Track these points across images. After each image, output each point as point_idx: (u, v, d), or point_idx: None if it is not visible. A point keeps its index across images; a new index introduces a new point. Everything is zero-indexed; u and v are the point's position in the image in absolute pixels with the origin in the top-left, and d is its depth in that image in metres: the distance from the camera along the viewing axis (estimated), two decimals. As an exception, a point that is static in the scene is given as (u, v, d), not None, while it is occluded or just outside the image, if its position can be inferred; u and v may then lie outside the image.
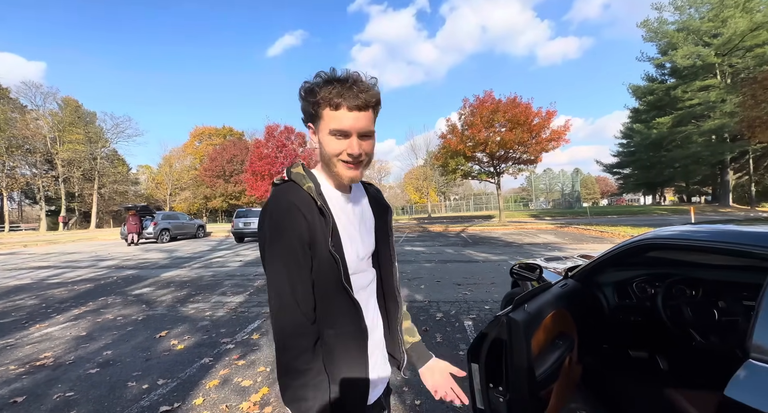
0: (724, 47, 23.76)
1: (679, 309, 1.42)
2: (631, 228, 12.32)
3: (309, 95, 0.71)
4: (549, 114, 15.57)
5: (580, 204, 41.15)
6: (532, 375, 1.09)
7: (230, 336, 3.31)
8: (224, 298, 4.79)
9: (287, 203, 0.71)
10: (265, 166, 23.36)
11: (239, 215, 13.88)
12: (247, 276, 6.36)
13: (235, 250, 11.06)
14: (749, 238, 0.91)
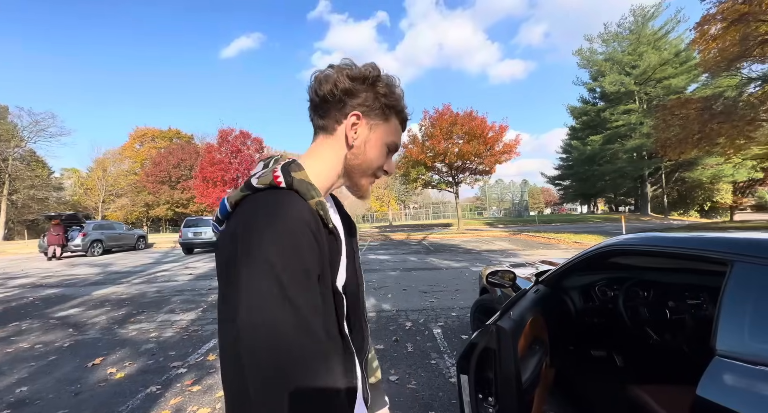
0: (640, 77, 27.61)
1: (637, 310, 1.56)
2: (573, 235, 13.54)
3: (389, 88, 0.61)
4: (502, 128, 16.73)
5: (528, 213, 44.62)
6: (519, 383, 1.10)
7: (181, 358, 2.96)
8: (173, 316, 4.32)
9: (301, 224, 0.48)
10: (217, 172, 21.93)
11: (188, 224, 12.78)
12: (199, 291, 5.82)
13: (183, 262, 10.11)
14: (706, 243, 1.02)
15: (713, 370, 0.79)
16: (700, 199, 29.79)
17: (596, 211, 48.04)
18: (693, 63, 22.70)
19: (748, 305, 0.80)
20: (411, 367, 2.65)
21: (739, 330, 0.79)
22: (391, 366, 2.68)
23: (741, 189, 28.67)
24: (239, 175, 22.94)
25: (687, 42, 21.70)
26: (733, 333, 0.80)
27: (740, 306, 0.81)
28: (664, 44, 27.25)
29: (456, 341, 3.17)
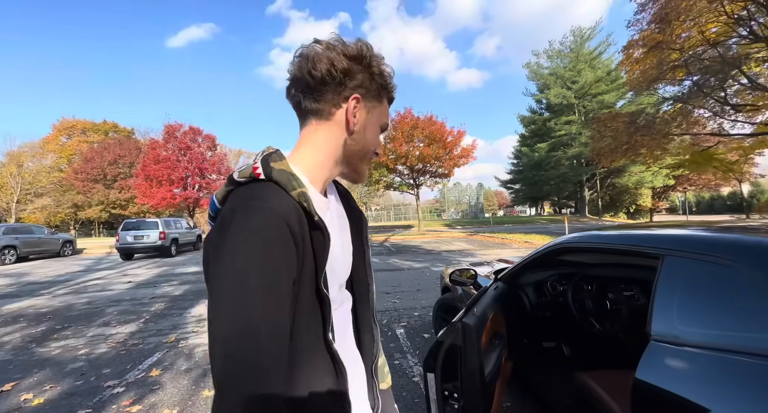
0: (579, 92, 30.61)
1: (583, 302, 1.70)
2: (524, 235, 14.55)
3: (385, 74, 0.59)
4: (460, 133, 17.49)
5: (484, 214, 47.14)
6: (482, 377, 1.14)
7: (118, 376, 2.65)
8: (107, 330, 3.85)
9: (276, 218, 0.44)
10: (163, 170, 20.11)
11: (128, 227, 11.53)
12: (140, 300, 5.27)
13: (121, 269, 9.10)
14: (641, 240, 1.14)
15: (649, 353, 0.88)
16: (627, 202, 33.73)
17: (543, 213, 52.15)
18: (621, 82, 25.69)
19: (676, 294, 0.90)
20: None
21: (670, 316, 0.89)
22: None
23: (658, 194, 32.98)
24: (189, 174, 21.27)
25: (616, 63, 24.54)
26: (664, 320, 0.90)
27: (670, 295, 0.91)
28: (599, 63, 30.51)
29: (419, 340, 3.22)
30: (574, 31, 31.92)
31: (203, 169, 21.79)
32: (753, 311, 0.75)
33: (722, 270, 0.82)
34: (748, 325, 0.75)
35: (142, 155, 27.39)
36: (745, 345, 0.73)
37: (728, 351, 0.75)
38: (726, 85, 12.80)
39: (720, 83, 12.70)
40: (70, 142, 37.42)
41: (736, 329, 0.77)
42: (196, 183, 21.78)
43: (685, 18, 11.91)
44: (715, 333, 0.80)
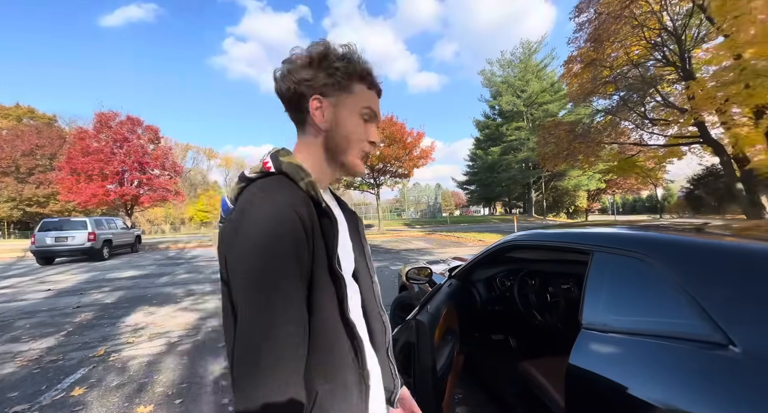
0: (528, 100, 33.04)
1: (527, 296, 1.83)
2: (477, 234, 15.34)
3: (340, 60, 0.58)
4: (419, 135, 17.93)
5: (441, 214, 48.92)
6: (434, 372, 1.17)
7: (30, 399, 2.29)
8: (17, 346, 3.31)
9: (286, 209, 0.48)
10: (93, 163, 17.83)
11: (47, 227, 10.06)
12: (61, 310, 4.62)
13: (36, 276, 7.91)
14: (575, 237, 1.25)
15: (580, 341, 0.96)
16: (567, 203, 37.18)
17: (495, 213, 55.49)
18: (563, 93, 28.22)
19: (603, 286, 1.00)
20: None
21: (598, 306, 0.98)
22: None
23: (592, 196, 36.80)
24: (126, 168, 19.13)
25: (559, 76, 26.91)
26: (593, 309, 0.99)
27: (598, 287, 1.01)
28: (544, 75, 33.21)
29: (376, 339, 3.22)
30: (523, 44, 34.38)
31: (144, 163, 19.73)
32: (663, 299, 0.85)
33: (639, 264, 0.92)
34: (660, 312, 0.85)
35: (66, 146, 24.06)
36: (658, 330, 0.83)
37: (645, 335, 0.84)
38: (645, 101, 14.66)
39: (641, 99, 14.51)
40: (-29, 127, 31.69)
41: (651, 315, 0.87)
42: (134, 179, 19.66)
43: (614, 40, 13.43)
44: (635, 319, 0.90)
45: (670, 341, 0.78)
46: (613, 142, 16.03)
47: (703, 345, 0.71)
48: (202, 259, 10.83)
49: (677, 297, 0.80)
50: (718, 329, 0.69)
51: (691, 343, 0.73)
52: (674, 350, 0.76)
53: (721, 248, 0.84)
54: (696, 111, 11.34)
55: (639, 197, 49.10)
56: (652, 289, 0.88)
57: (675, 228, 1.14)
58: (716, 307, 0.71)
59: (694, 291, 0.76)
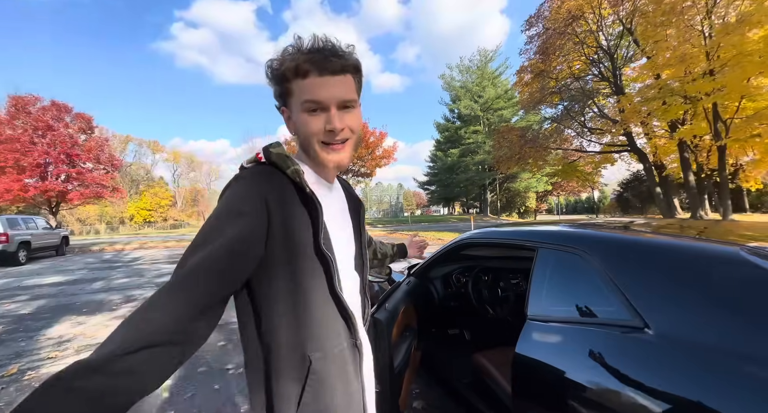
0: (484, 105, 34.85)
1: (480, 291, 1.92)
2: (437, 232, 15.85)
3: (274, 69, 0.61)
4: (382, 135, 18.07)
5: (403, 214, 49.83)
6: (392, 369, 1.18)
7: None
8: None
9: (249, 189, 0.57)
10: (6, 154, 15.36)
11: (-58, 228, 8.49)
12: (-38, 326, 3.92)
13: (-73, 287, 6.63)
14: (523, 235, 1.34)
15: (525, 331, 1.04)
16: (519, 204, 39.87)
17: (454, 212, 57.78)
18: (515, 100, 30.18)
19: (546, 279, 1.08)
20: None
21: (541, 298, 1.06)
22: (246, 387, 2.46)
23: (540, 197, 39.92)
24: (50, 160, 16.77)
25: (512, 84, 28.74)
26: (537, 301, 1.07)
27: (541, 281, 1.09)
28: (499, 82, 35.25)
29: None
30: (480, 52, 36.19)
31: (73, 155, 17.43)
32: (595, 289, 0.94)
33: (576, 258, 1.01)
34: (593, 301, 0.94)
35: (-29, 132, 20.49)
36: (591, 318, 0.91)
37: (580, 323, 0.93)
38: (585, 111, 16.20)
39: (581, 110, 16.02)
40: None
41: (586, 304, 0.96)
42: (61, 172, 17.33)
43: (559, 54, 14.66)
44: (572, 309, 0.99)
45: (601, 327, 0.87)
46: (558, 148, 17.52)
47: (626, 329, 0.80)
48: (145, 261, 9.88)
49: (607, 288, 0.89)
50: (637, 315, 0.78)
51: (617, 328, 0.82)
52: (603, 335, 0.84)
53: (640, 244, 0.95)
54: (625, 122, 12.79)
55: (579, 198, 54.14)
56: (587, 281, 0.97)
57: (607, 226, 1.28)
58: (636, 295, 0.81)
59: (620, 282, 0.86)
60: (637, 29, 12.05)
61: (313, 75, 0.59)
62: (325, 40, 0.60)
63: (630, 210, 22.65)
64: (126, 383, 0.40)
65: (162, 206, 44.67)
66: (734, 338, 0.64)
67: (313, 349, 0.58)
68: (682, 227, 1.35)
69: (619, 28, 13.82)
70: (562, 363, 0.90)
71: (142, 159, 50.74)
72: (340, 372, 0.61)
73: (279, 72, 0.60)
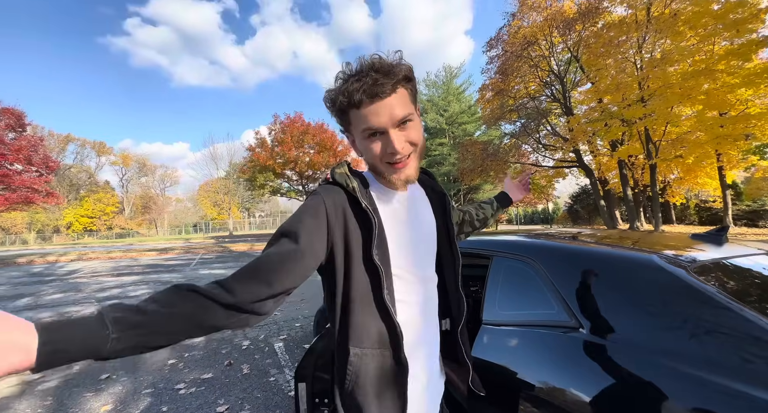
0: (449, 119, 36.37)
1: None
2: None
3: (332, 105, 0.66)
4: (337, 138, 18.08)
5: (370, 222, 49.94)
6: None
7: None
8: None
9: (315, 202, 0.65)
10: None
11: None
12: None
13: None
14: (479, 244, 1.42)
15: (480, 335, 1.10)
16: (481, 213, 41.72)
17: (420, 221, 58.90)
18: (478, 116, 31.86)
19: (498, 286, 1.16)
20: (245, 391, 2.37)
21: (494, 304, 1.13)
22: (221, 395, 2.32)
23: (501, 207, 42.08)
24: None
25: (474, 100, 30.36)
26: (490, 307, 1.14)
27: (494, 287, 1.16)
28: (463, 98, 37.09)
29: (299, 352, 3.09)
30: (445, 68, 37.94)
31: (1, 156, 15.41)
32: (541, 294, 1.03)
33: (526, 266, 1.10)
34: (539, 305, 1.03)
35: None
36: (537, 320, 0.99)
37: (528, 325, 1.00)
38: (539, 129, 17.53)
39: (536, 127, 17.30)
40: None
41: (533, 308, 1.05)
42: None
43: (516, 74, 15.82)
44: (522, 312, 1.07)
45: (546, 329, 0.95)
46: (516, 161, 18.70)
47: (565, 329, 0.88)
48: (84, 274, 8.88)
49: (551, 292, 0.98)
50: (573, 316, 0.87)
51: (559, 329, 0.90)
52: (548, 336, 0.92)
53: (575, 253, 1.06)
54: (574, 141, 14.02)
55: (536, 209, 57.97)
56: (535, 287, 1.06)
57: (555, 237, 1.40)
58: (572, 299, 0.90)
59: (560, 287, 0.95)
60: (582, 57, 13.39)
61: (366, 104, 0.61)
62: (372, 61, 0.62)
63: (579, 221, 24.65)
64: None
65: (107, 213, 40.70)
66: (649, 334, 0.74)
67: (353, 344, 0.65)
68: (621, 238, 1.51)
69: (567, 55, 15.26)
70: (513, 364, 0.96)
71: (84, 161, 46.18)
72: (376, 373, 0.64)
73: (337, 107, 0.65)
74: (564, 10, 13.91)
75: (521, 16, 15.51)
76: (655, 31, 10.17)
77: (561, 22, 13.65)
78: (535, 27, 14.64)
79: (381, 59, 0.63)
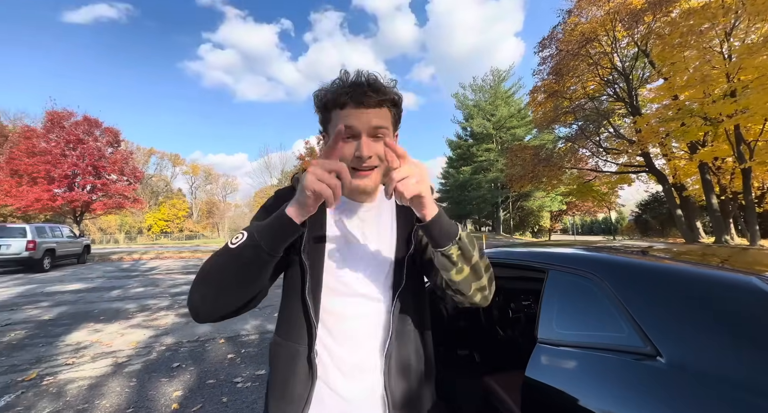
0: (497, 124, 35.02)
1: (491, 312, 1.90)
2: (448, 249, 15.65)
3: (318, 100, 0.68)
4: (394, 152, 18.31)
5: (414, 229, 49.52)
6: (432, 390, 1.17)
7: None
8: (-74, 372, 2.87)
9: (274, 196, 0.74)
10: (39, 165, 16.30)
11: (-24, 233, 8.98)
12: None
13: (-42, 289, 6.96)
14: (533, 256, 1.34)
15: (535, 354, 1.03)
16: (532, 223, 39.10)
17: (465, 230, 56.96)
18: (529, 119, 30.24)
19: (555, 302, 1.08)
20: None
21: (551, 321, 1.06)
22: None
23: (555, 217, 39.07)
24: (78, 171, 17.66)
25: (525, 103, 28.89)
26: (547, 324, 1.06)
27: (551, 304, 1.09)
28: (512, 101, 35.51)
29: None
30: (493, 72, 36.76)
31: (99, 167, 18.33)
32: (606, 314, 0.93)
33: (587, 282, 1.01)
34: (604, 326, 0.94)
35: (8, 145, 21.91)
36: (602, 343, 0.90)
37: (591, 348, 0.92)
38: (600, 131, 16.06)
39: (596, 130, 15.89)
40: None
41: (596, 329, 0.96)
42: (87, 183, 18.18)
43: (572, 74, 14.75)
44: (583, 333, 0.98)
45: (612, 353, 0.86)
46: (572, 167, 17.31)
47: (638, 356, 0.79)
48: (160, 271, 10.10)
49: (619, 313, 0.89)
50: (648, 342, 0.77)
51: (628, 355, 0.81)
52: (614, 361, 0.83)
53: (656, 270, 0.94)
54: (642, 143, 12.59)
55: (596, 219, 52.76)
56: (598, 305, 0.97)
57: (621, 250, 1.27)
58: (648, 323, 0.80)
59: (632, 308, 0.85)
60: (652, 51, 12.06)
61: (350, 107, 0.64)
62: (368, 76, 0.66)
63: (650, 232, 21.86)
64: None
65: (179, 217, 45.92)
66: (747, 370, 0.64)
67: (278, 334, 0.73)
68: (706, 254, 1.32)
69: (633, 50, 13.87)
70: (573, 389, 0.88)
71: (163, 171, 52.78)
72: (286, 363, 0.69)
73: (322, 102, 0.68)
74: (629, 2, 12.72)
75: (578, 12, 14.51)
76: (750, 14, 8.79)
77: (626, 15, 12.49)
78: (594, 22, 13.58)
79: (377, 79, 0.66)
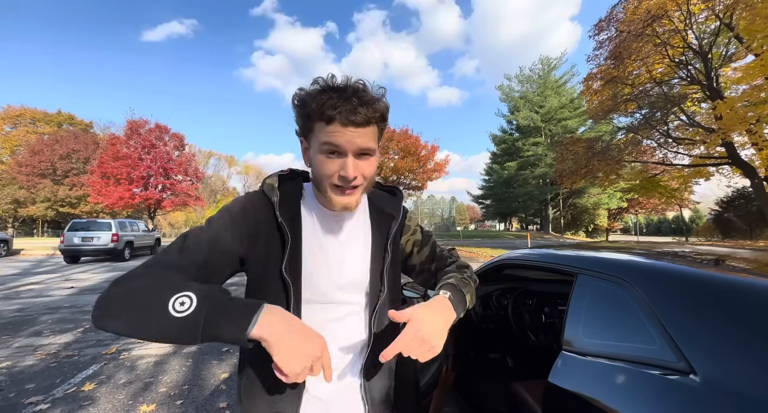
0: (546, 116, 32.72)
1: (521, 315, 1.81)
2: (491, 249, 15.06)
3: (300, 106, 0.63)
4: (434, 148, 18.04)
5: (455, 228, 48.34)
6: (417, 387, 1.18)
7: (45, 391, 2.42)
8: (38, 340, 3.51)
9: (241, 204, 0.69)
10: (122, 168, 18.88)
11: (75, 227, 10.65)
12: (82, 307, 4.86)
13: (63, 273, 8.34)
14: (561, 259, 1.26)
15: (558, 362, 0.97)
16: (586, 221, 36.01)
17: (511, 228, 54.40)
18: (582, 110, 27.80)
19: (582, 309, 1.01)
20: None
21: (577, 329, 0.99)
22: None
23: (613, 215, 35.55)
24: (151, 173, 20.10)
25: (578, 92, 26.59)
26: (573, 332, 1.00)
27: (578, 310, 1.02)
28: (563, 91, 32.89)
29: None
30: (542, 60, 34.32)
31: (168, 169, 20.70)
32: (637, 324, 0.85)
33: (616, 288, 0.93)
34: (633, 337, 0.86)
35: (99, 151, 25.58)
36: (630, 354, 0.83)
37: (618, 359, 0.85)
38: (668, 120, 14.24)
39: (664, 118, 14.11)
40: (16, 132, 34.10)
41: (625, 340, 0.88)
42: (158, 183, 20.63)
43: (635, 57, 13.22)
44: (610, 343, 0.91)
45: (642, 366, 0.79)
46: (634, 160, 15.59)
47: (668, 371, 0.71)
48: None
49: (651, 324, 0.81)
50: (682, 357, 0.70)
51: (657, 369, 0.73)
52: (642, 376, 0.76)
53: (695, 278, 0.84)
54: (724, 131, 10.91)
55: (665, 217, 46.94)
56: (629, 314, 0.89)
57: (659, 254, 1.14)
58: (683, 335, 0.72)
59: (665, 318, 0.77)
60: (740, 24, 10.36)
61: (337, 124, 0.60)
62: (356, 88, 0.61)
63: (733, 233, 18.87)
64: None
65: (234, 213, 49.91)
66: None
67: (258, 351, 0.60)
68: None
69: (714, 25, 12.03)
70: (595, 401, 0.83)
71: (220, 172, 57.75)
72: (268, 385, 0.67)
73: (305, 111, 0.63)
74: (707, -31, 11.04)
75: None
76: None
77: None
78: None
79: (365, 87, 0.63)
